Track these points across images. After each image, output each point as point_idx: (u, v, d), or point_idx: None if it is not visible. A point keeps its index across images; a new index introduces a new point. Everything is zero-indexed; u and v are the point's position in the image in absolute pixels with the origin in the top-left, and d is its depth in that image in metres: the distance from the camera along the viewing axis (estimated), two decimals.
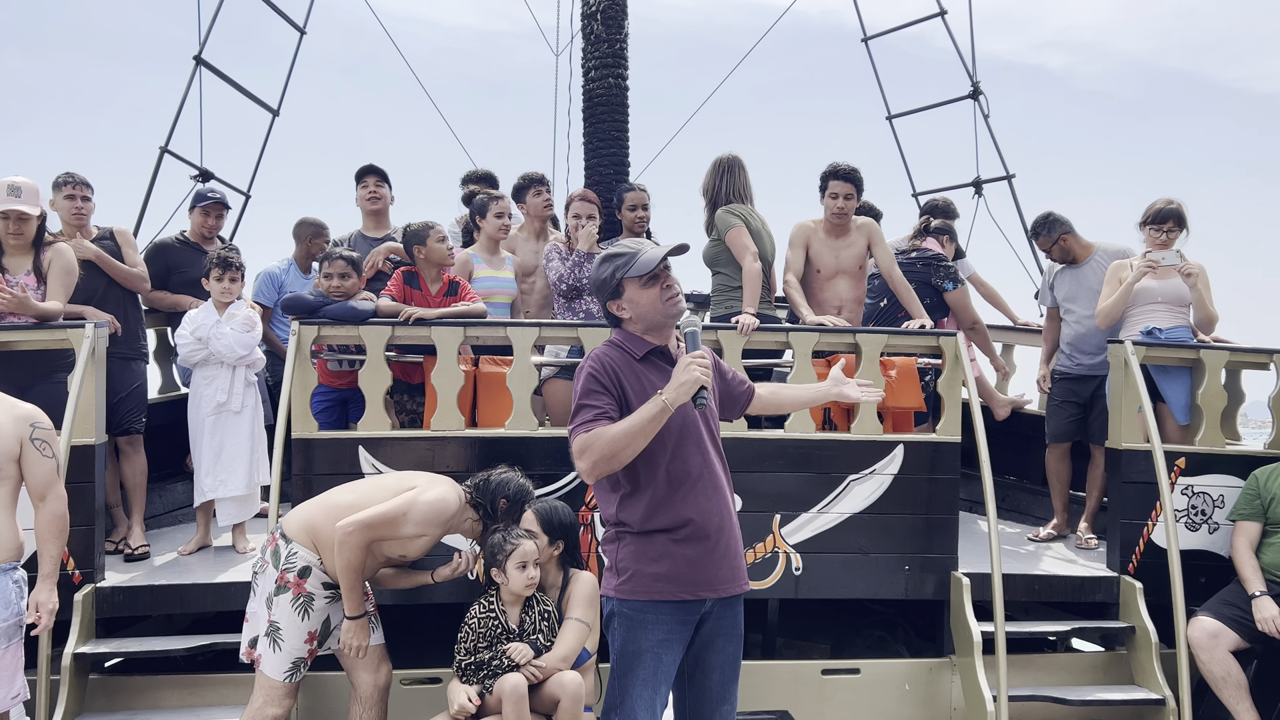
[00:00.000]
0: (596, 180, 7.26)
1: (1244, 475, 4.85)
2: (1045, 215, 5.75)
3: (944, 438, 4.69)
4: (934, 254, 5.76)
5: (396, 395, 4.90)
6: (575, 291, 5.01)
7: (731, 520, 2.98)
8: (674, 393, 2.72)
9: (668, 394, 2.72)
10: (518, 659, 3.63)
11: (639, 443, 2.75)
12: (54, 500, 3.49)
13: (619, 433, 2.74)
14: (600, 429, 2.78)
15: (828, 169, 5.34)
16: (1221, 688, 4.42)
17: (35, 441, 3.46)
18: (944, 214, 6.68)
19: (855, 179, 5.27)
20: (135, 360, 5.23)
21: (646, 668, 2.89)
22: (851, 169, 5.28)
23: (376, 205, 6.03)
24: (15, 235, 4.54)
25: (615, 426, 2.76)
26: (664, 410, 2.72)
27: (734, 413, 3.30)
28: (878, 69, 9.45)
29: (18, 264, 4.59)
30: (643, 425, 2.73)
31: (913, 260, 5.65)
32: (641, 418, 2.73)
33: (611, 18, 7.20)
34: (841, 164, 5.30)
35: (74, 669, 4.02)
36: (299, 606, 3.63)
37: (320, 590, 3.68)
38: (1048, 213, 5.73)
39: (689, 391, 2.70)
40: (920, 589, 4.63)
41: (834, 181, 5.27)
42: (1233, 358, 5.07)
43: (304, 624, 3.65)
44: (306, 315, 4.54)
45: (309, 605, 3.65)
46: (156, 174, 7.16)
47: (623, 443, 2.74)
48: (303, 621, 3.65)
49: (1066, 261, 5.76)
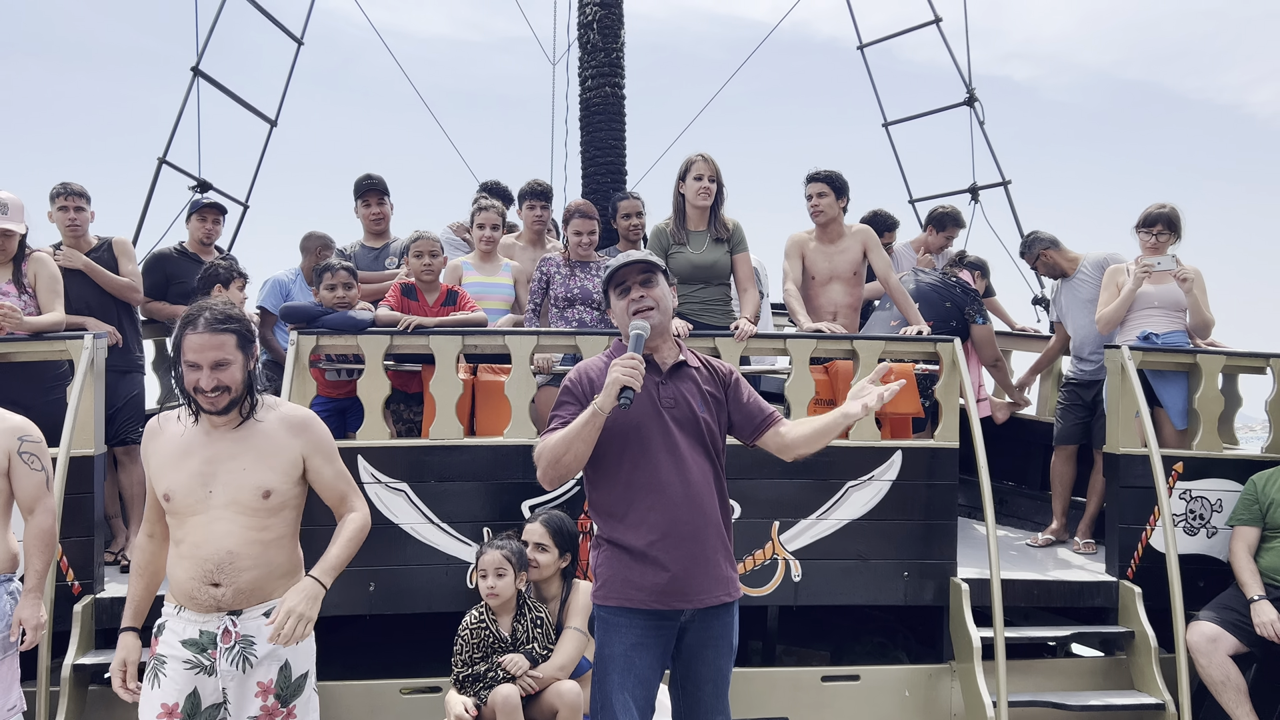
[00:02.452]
0: (594, 189, 7.29)
1: (1242, 479, 4.87)
2: (1029, 235, 6.06)
3: (942, 443, 4.69)
4: (971, 286, 5.85)
5: (393, 405, 4.91)
6: (568, 301, 5.02)
7: (711, 530, 2.95)
8: (602, 396, 2.76)
9: (599, 398, 2.77)
10: (513, 671, 3.63)
11: (578, 448, 2.80)
12: (42, 513, 3.42)
13: (558, 439, 2.82)
14: (548, 436, 2.87)
15: (805, 176, 5.36)
16: (1221, 692, 4.42)
17: (23, 455, 3.41)
18: (954, 221, 6.74)
19: (828, 179, 5.23)
20: (132, 372, 5.24)
21: (619, 671, 2.92)
22: (825, 171, 5.26)
23: (379, 226, 6.10)
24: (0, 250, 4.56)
25: (556, 433, 2.84)
26: (595, 414, 2.76)
27: (750, 436, 3.16)
28: (873, 76, 9.49)
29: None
30: (578, 430, 2.78)
31: (953, 284, 5.70)
32: (577, 424, 2.80)
33: (608, 27, 7.24)
34: (817, 168, 5.31)
35: (73, 680, 4.02)
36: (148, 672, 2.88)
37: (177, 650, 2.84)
38: (1031, 232, 6.03)
39: (613, 394, 2.73)
40: (919, 595, 4.63)
41: (809, 184, 5.30)
42: (1229, 362, 5.09)
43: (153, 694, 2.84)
44: (305, 324, 4.55)
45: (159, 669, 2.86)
46: (155, 185, 7.17)
47: (561, 449, 2.80)
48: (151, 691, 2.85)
49: (1055, 276, 5.94)
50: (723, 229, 5.08)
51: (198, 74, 7.39)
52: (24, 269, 4.64)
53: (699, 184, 4.99)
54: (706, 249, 5.05)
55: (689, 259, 5.01)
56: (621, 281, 2.98)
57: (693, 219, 5.09)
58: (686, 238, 5.07)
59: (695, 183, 5.00)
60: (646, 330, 2.89)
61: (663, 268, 3.04)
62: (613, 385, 2.73)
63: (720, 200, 5.10)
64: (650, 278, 2.98)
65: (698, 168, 5.01)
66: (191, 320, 2.80)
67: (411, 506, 4.38)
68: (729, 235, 5.10)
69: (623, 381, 2.72)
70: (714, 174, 5.01)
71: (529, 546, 3.91)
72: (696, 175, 5.00)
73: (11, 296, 4.55)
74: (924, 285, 5.65)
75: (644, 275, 2.98)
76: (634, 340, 2.85)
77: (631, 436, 2.89)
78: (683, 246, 5.05)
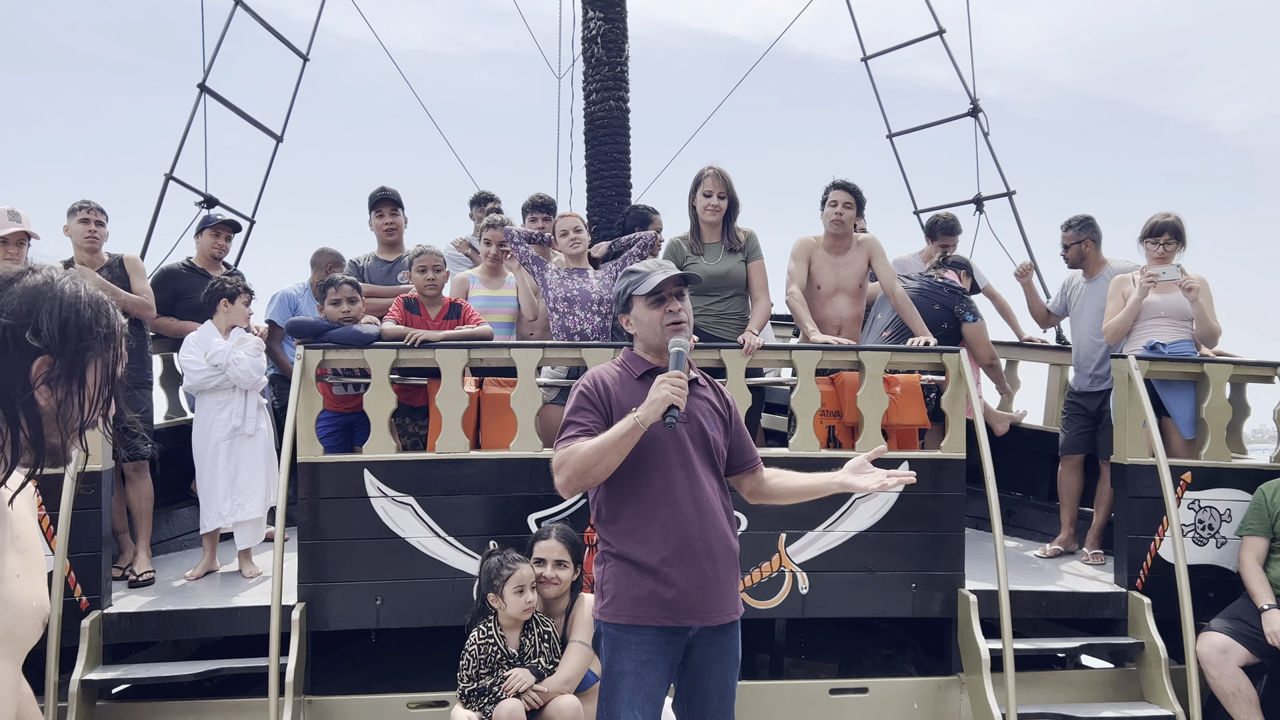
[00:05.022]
0: (598, 202, 7.30)
1: (1250, 489, 4.85)
2: (1084, 216, 5.84)
3: (949, 454, 4.69)
4: (958, 285, 5.83)
5: (399, 418, 4.91)
6: (568, 303, 5.02)
7: (722, 548, 2.94)
8: (645, 410, 2.74)
9: (640, 412, 2.75)
10: (516, 687, 3.62)
11: (611, 459, 2.77)
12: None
13: (590, 449, 2.77)
14: (576, 445, 2.82)
15: (830, 183, 5.44)
16: (1232, 703, 4.39)
17: None
18: (947, 229, 6.72)
19: (855, 192, 5.38)
20: (141, 388, 5.26)
21: (629, 688, 2.89)
22: (852, 183, 5.40)
23: (393, 237, 6.18)
24: (11, 260, 4.60)
25: (589, 442, 2.80)
26: (635, 428, 2.74)
27: (728, 470, 3.11)
28: (877, 88, 9.51)
29: None
30: (614, 442, 2.75)
31: (938, 285, 5.68)
32: (614, 435, 2.76)
33: (612, 41, 7.26)
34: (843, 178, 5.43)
35: (81, 695, 4.02)
36: None
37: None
38: (1088, 216, 5.84)
39: (659, 410, 2.71)
40: (927, 607, 4.61)
41: (834, 191, 5.38)
42: (1237, 371, 5.07)
43: None
44: (312, 338, 4.56)
45: None
46: (162, 201, 7.21)
47: (594, 459, 2.77)
48: None
49: (1077, 265, 5.86)
50: (736, 239, 5.18)
51: (204, 91, 7.44)
52: None
53: (708, 201, 5.12)
54: (721, 259, 5.15)
55: (704, 270, 5.10)
56: (657, 292, 2.97)
57: (706, 231, 5.21)
58: (702, 249, 5.18)
59: (705, 199, 5.12)
60: (688, 348, 2.90)
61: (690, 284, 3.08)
62: (661, 403, 2.71)
63: (734, 212, 5.20)
64: (683, 291, 3.02)
65: (707, 185, 5.12)
66: None
67: (418, 520, 4.38)
68: (743, 245, 5.19)
69: (672, 400, 2.71)
70: (723, 190, 5.12)
71: (548, 564, 3.87)
72: (706, 192, 5.12)
73: None
74: (910, 292, 5.60)
75: (679, 288, 3.01)
76: (675, 358, 2.84)
77: (648, 451, 2.86)
78: (698, 258, 5.15)
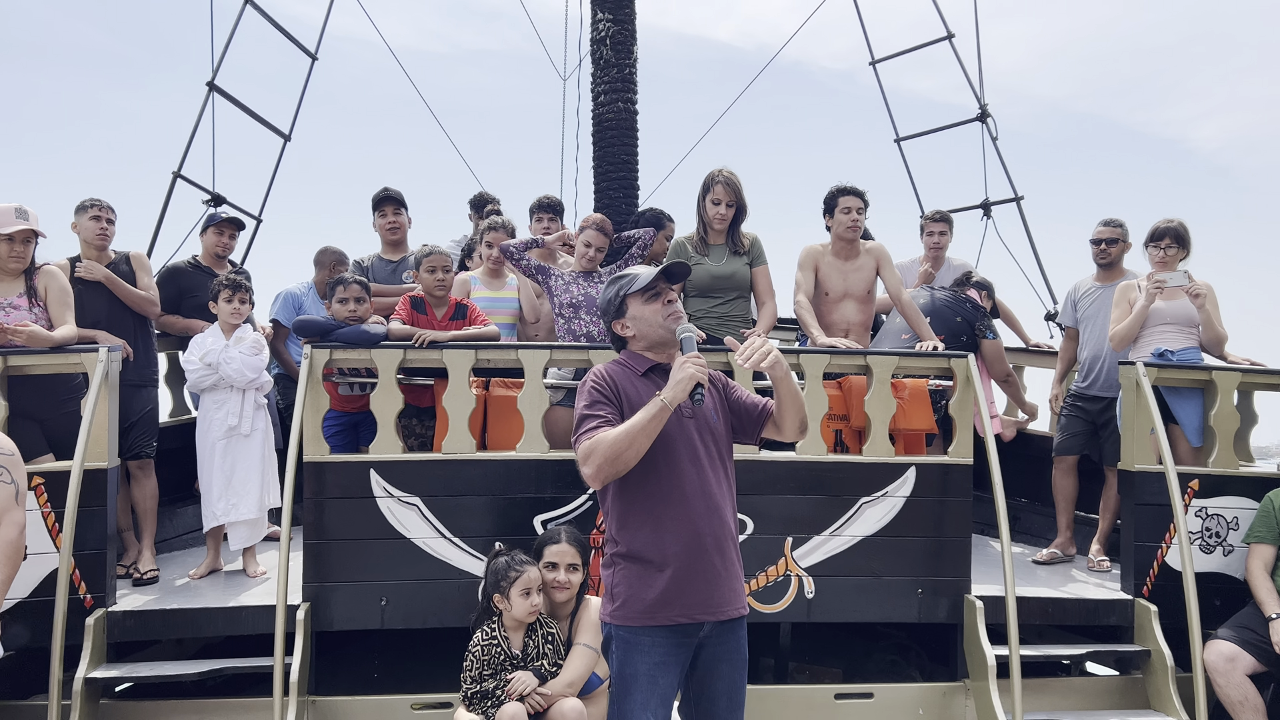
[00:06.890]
0: (606, 203, 7.31)
1: (1258, 497, 4.83)
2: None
3: (956, 460, 4.67)
4: (980, 304, 5.86)
5: (405, 419, 4.91)
6: (574, 307, 5.02)
7: (730, 541, 2.97)
8: (672, 391, 2.75)
9: (666, 393, 2.76)
10: (520, 690, 3.60)
11: (641, 442, 2.77)
12: (9, 526, 3.36)
13: (620, 434, 2.77)
14: (602, 433, 2.81)
15: (835, 189, 5.43)
16: (1239, 712, 4.37)
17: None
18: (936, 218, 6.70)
19: (864, 197, 5.40)
20: (146, 386, 5.25)
21: (643, 691, 2.89)
22: (860, 188, 5.40)
23: (396, 236, 6.20)
24: (18, 259, 4.60)
25: (617, 429, 2.80)
26: (663, 409, 2.75)
27: (753, 432, 3.17)
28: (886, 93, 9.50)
29: (9, 288, 4.63)
30: (643, 425, 2.75)
31: (964, 299, 5.69)
32: (642, 418, 2.76)
33: (620, 43, 7.27)
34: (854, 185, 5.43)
35: (85, 694, 4.01)
36: None
37: None
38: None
39: (686, 388, 2.73)
40: (933, 612, 4.60)
41: (845, 197, 5.38)
42: (1245, 379, 5.05)
43: None
44: (319, 338, 4.56)
45: None
46: (169, 199, 7.21)
47: (624, 443, 2.76)
48: None
49: (1103, 265, 5.78)
50: (741, 243, 5.22)
51: (213, 89, 7.44)
52: (34, 282, 4.67)
53: (716, 209, 5.15)
54: (725, 261, 5.18)
55: (709, 270, 5.15)
56: (652, 286, 2.99)
57: (712, 233, 5.24)
58: (707, 250, 5.21)
59: (714, 207, 5.15)
60: (696, 332, 2.91)
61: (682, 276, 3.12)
62: (687, 381, 2.73)
63: (741, 216, 5.23)
64: (675, 284, 3.06)
65: (715, 192, 5.15)
66: None
67: (424, 521, 4.38)
68: (747, 249, 5.23)
69: (698, 377, 2.73)
70: (732, 199, 5.15)
71: (561, 569, 3.84)
72: (714, 200, 5.15)
73: (24, 310, 4.58)
74: (938, 301, 5.64)
75: (672, 282, 3.04)
76: (687, 343, 2.86)
77: (657, 445, 2.85)
78: (703, 258, 5.17)
